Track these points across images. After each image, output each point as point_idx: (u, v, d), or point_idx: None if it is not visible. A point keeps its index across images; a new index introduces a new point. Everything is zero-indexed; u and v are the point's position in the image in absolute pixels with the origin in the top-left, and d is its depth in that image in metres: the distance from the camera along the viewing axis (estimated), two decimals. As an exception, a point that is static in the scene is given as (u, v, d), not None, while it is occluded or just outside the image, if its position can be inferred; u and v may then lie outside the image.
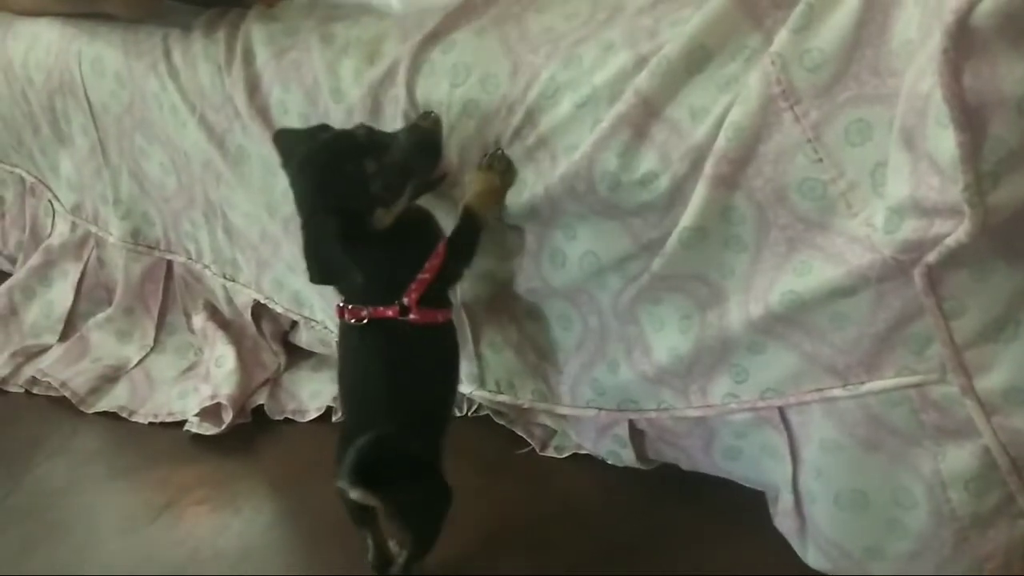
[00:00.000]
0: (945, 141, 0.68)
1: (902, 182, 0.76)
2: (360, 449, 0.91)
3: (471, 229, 1.02)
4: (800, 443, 0.98)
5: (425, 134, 0.99)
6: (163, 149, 1.38)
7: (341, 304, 1.03)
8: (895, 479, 0.91)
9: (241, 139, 1.27)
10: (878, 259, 0.81)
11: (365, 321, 1.00)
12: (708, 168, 0.89)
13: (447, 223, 1.06)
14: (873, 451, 0.91)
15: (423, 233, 1.03)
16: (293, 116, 1.19)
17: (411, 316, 0.98)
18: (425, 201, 1.07)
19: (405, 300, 0.98)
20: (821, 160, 0.84)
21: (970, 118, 0.66)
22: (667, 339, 1.02)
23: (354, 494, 0.92)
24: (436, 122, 1.01)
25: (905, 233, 0.77)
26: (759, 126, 0.86)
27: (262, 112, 1.22)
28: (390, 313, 0.98)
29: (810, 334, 0.90)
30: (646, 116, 0.93)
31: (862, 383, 0.89)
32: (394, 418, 0.97)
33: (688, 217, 0.92)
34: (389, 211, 0.98)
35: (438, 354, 1.05)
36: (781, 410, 0.98)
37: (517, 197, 1.04)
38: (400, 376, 0.99)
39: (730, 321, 0.95)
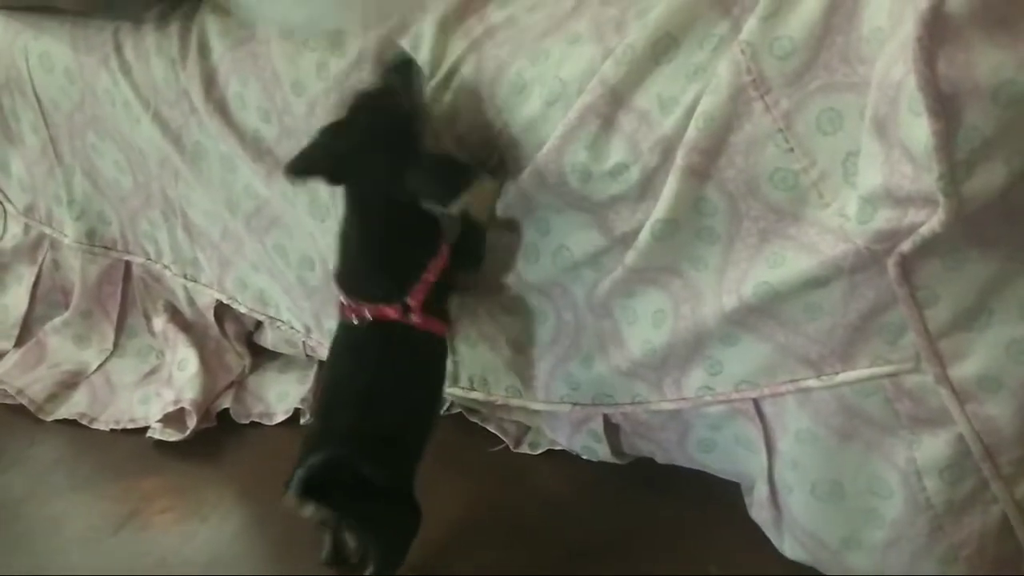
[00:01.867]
0: (918, 130, 0.67)
1: (875, 171, 0.75)
2: (312, 467, 0.89)
3: (475, 235, 1.02)
4: (775, 434, 0.98)
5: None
6: (117, 147, 1.34)
7: (344, 301, 0.99)
8: (870, 469, 0.91)
9: (198, 135, 1.23)
10: (851, 249, 0.80)
11: (365, 321, 0.97)
12: (679, 159, 0.88)
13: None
14: (848, 441, 0.91)
15: (432, 230, 1.01)
16: (251, 110, 1.16)
17: (413, 319, 0.96)
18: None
19: (409, 301, 0.96)
20: (792, 150, 0.83)
21: (944, 106, 0.65)
22: (641, 332, 1.01)
23: (305, 511, 0.89)
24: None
25: (878, 223, 0.76)
26: (730, 116, 0.85)
27: (219, 107, 1.18)
28: (392, 313, 0.96)
29: (784, 325, 0.89)
30: (614, 106, 0.91)
31: (836, 373, 0.88)
32: (365, 430, 0.94)
33: (660, 209, 0.91)
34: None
35: (429, 368, 1.02)
36: (756, 402, 0.97)
37: None
38: (384, 384, 0.96)
39: (703, 313, 0.94)
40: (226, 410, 1.36)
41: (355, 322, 0.97)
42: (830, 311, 0.85)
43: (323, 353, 1.31)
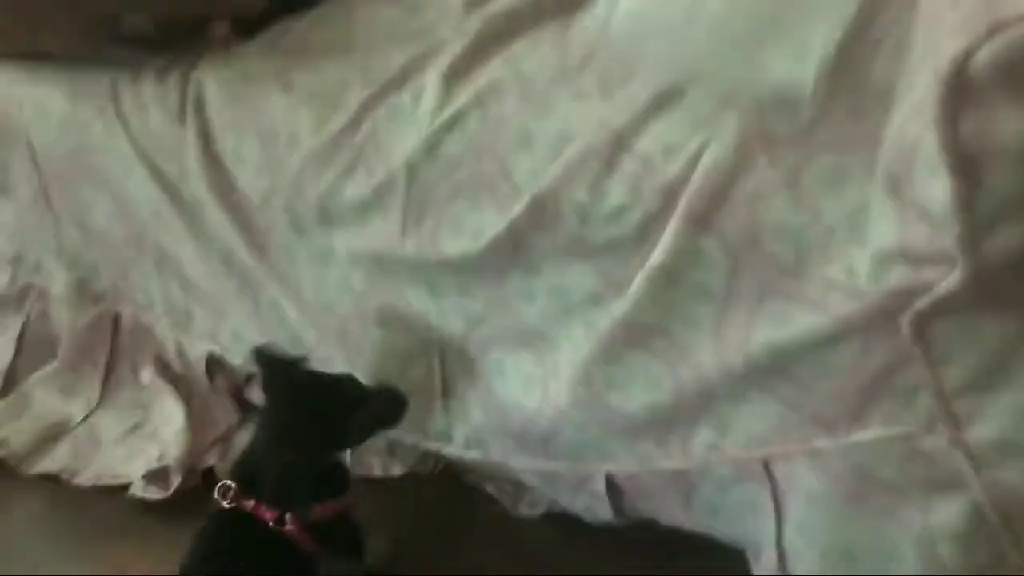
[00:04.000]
0: (936, 189, 0.66)
1: (887, 229, 0.75)
2: None
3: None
4: (785, 497, 0.95)
5: (400, 400, 1.07)
6: (111, 196, 1.32)
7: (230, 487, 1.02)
8: (883, 534, 0.88)
9: (195, 189, 1.21)
10: (862, 307, 0.79)
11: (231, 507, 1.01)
12: (681, 205, 0.87)
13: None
14: (860, 505, 0.88)
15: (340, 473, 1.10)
16: (249, 165, 1.15)
17: (286, 528, 1.00)
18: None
19: (287, 519, 1.00)
20: (797, 205, 0.83)
21: (965, 166, 0.64)
22: (638, 398, 0.98)
23: None
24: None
25: (892, 281, 0.75)
26: (735, 167, 0.84)
27: (216, 161, 1.17)
28: (267, 516, 1.00)
29: (794, 384, 0.87)
30: (616, 149, 0.91)
31: (848, 434, 0.86)
32: None
33: (657, 255, 0.89)
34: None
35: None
36: (765, 462, 0.94)
37: (477, 241, 1.00)
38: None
39: (706, 373, 0.92)
40: (211, 468, 1.31)
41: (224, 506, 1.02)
42: (841, 370, 0.83)
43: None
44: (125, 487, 1.29)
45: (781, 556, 0.97)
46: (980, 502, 0.81)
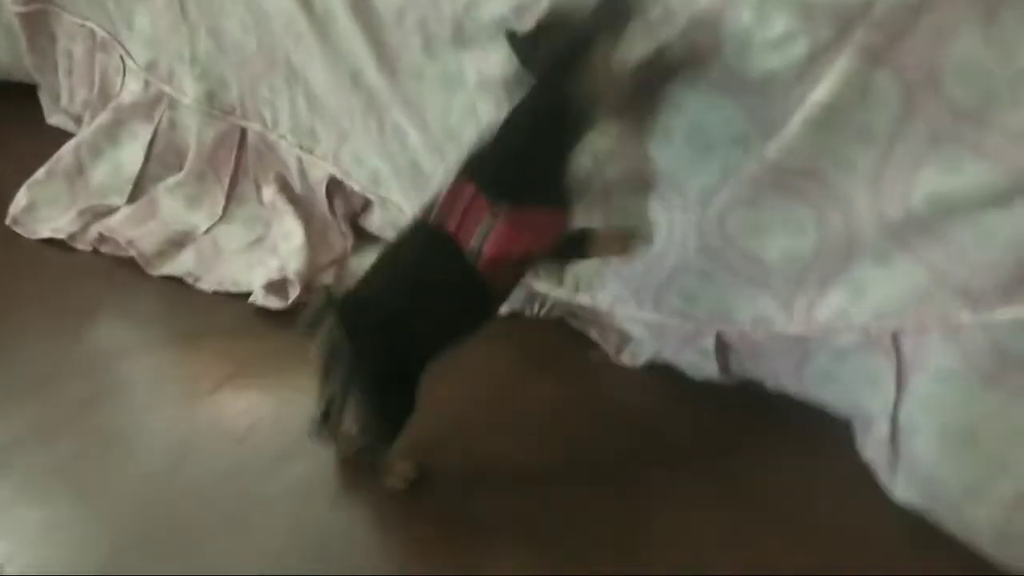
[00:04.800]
0: None
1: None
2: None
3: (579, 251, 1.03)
4: (910, 370, 0.91)
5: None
6: (244, 7, 1.31)
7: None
8: (1012, 417, 0.84)
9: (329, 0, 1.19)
10: None
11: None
12: (857, 36, 0.79)
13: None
14: (993, 386, 0.84)
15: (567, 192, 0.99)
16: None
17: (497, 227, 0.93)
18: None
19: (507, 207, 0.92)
20: (989, 42, 0.75)
21: None
22: (778, 243, 0.94)
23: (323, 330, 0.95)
24: None
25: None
26: None
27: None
28: (481, 208, 0.93)
29: (947, 248, 0.82)
30: None
31: (993, 310, 0.81)
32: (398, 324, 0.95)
33: (822, 92, 0.83)
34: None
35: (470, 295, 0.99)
36: (895, 334, 0.90)
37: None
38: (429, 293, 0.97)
39: (858, 220, 0.87)
40: (326, 286, 1.35)
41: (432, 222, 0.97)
42: (1002, 238, 0.78)
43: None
44: (245, 295, 1.34)
45: (895, 431, 0.94)
46: None
